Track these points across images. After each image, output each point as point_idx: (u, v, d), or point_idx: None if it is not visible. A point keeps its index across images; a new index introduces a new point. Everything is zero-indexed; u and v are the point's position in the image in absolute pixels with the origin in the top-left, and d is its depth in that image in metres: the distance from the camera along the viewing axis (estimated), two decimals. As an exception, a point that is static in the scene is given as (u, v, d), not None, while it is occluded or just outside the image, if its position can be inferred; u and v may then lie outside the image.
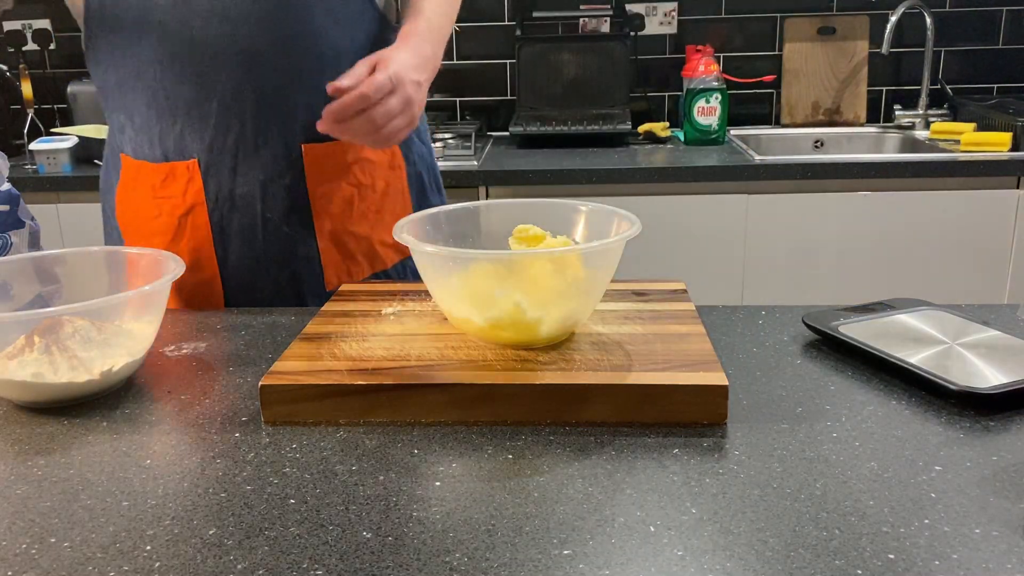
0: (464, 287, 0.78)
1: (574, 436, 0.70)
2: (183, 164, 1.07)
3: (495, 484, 0.63)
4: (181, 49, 1.03)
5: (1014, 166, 2.16)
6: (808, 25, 2.68)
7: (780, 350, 0.86)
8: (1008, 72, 2.71)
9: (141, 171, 1.10)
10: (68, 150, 2.35)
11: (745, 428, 0.70)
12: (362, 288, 0.98)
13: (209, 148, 1.06)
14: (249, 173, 1.07)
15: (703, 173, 2.18)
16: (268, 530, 0.58)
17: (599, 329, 0.83)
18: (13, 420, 0.76)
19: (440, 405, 0.72)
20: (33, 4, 2.83)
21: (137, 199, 1.11)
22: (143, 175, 1.10)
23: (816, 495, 0.61)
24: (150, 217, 1.10)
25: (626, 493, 0.61)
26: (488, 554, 0.55)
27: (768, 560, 0.54)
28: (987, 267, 2.22)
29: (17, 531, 0.59)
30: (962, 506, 0.59)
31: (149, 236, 1.11)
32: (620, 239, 0.78)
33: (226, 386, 0.81)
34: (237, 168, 1.07)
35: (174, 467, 0.67)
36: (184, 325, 0.97)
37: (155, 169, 1.09)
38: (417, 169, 1.20)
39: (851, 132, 2.67)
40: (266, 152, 1.07)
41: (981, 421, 0.71)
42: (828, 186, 2.18)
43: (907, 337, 0.84)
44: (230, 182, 1.08)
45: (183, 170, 1.07)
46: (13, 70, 2.68)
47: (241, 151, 1.07)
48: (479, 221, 0.92)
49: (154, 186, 1.09)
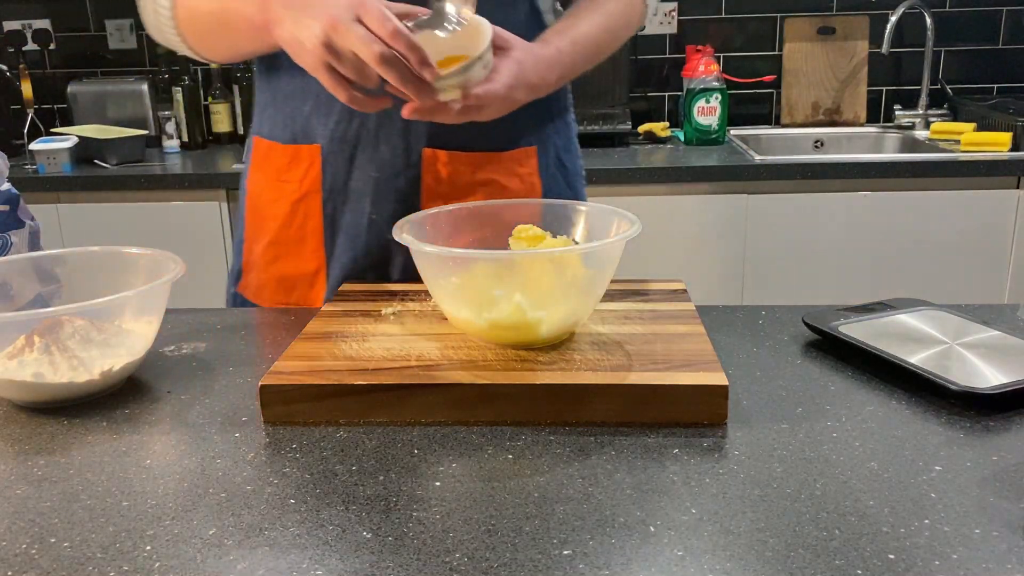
0: (464, 287, 0.78)
1: (574, 436, 0.70)
2: (307, 148, 1.04)
3: (495, 484, 0.63)
4: None
5: (1014, 166, 2.16)
6: (808, 25, 2.68)
7: (780, 350, 0.86)
8: (1008, 72, 2.71)
9: (271, 152, 1.08)
10: (68, 150, 2.35)
11: (745, 428, 0.70)
12: (362, 288, 0.98)
13: (331, 135, 1.02)
14: (365, 167, 1.03)
15: (703, 173, 2.18)
16: (268, 530, 0.58)
17: (599, 329, 0.83)
18: (13, 420, 0.76)
19: (440, 405, 0.72)
20: (33, 4, 2.83)
21: (262, 180, 1.09)
22: (272, 156, 1.08)
23: (816, 495, 0.61)
24: (270, 200, 1.08)
25: (626, 493, 0.61)
26: (488, 554, 0.55)
27: (768, 560, 0.54)
28: (987, 267, 2.22)
29: (17, 531, 0.59)
30: (962, 506, 0.59)
31: (266, 220, 1.08)
32: (620, 239, 0.78)
33: (226, 386, 0.81)
34: (355, 160, 1.03)
35: (174, 467, 0.67)
36: (184, 325, 0.97)
37: (283, 151, 1.06)
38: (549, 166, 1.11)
39: (851, 132, 2.67)
40: (385, 148, 1.02)
41: (981, 421, 0.71)
42: (828, 186, 2.18)
43: (907, 337, 0.84)
44: (345, 174, 1.03)
45: (306, 154, 1.04)
46: (13, 70, 2.69)
47: (361, 142, 1.02)
48: (479, 221, 0.92)
49: (279, 168, 1.07)
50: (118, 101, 2.68)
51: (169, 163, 2.45)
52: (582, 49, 0.99)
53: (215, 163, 2.43)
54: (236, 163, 2.36)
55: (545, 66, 0.94)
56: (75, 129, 2.51)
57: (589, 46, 1.01)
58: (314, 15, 0.78)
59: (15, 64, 2.68)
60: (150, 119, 2.67)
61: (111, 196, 2.31)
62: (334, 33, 0.77)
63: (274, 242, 1.09)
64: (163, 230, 2.31)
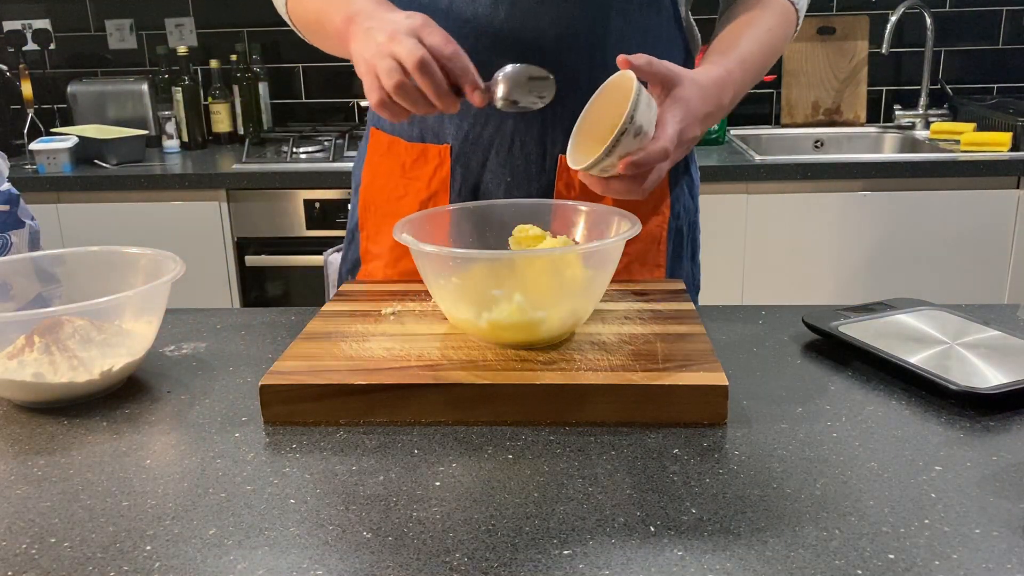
0: (464, 287, 0.78)
1: (574, 436, 0.70)
2: (436, 148, 1.03)
3: (495, 484, 0.63)
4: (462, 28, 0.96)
5: (1014, 166, 2.16)
6: (808, 25, 2.68)
7: (780, 350, 0.86)
8: (1008, 72, 2.71)
9: (393, 147, 1.07)
10: (68, 150, 2.35)
11: (745, 428, 0.70)
12: (362, 288, 0.98)
13: (464, 137, 1.01)
14: (498, 171, 1.02)
15: (703, 173, 2.17)
16: (268, 530, 0.58)
17: (599, 329, 0.83)
18: (13, 420, 0.76)
19: (440, 405, 0.72)
20: (33, 4, 2.83)
21: (384, 174, 1.09)
22: (394, 151, 1.07)
23: (816, 495, 0.61)
24: (395, 196, 1.08)
25: (626, 493, 0.61)
26: (488, 554, 0.55)
27: (768, 560, 0.54)
28: (987, 267, 2.22)
29: (17, 531, 0.59)
30: (962, 506, 0.59)
31: (389, 215, 1.08)
32: (620, 239, 0.78)
33: (226, 386, 0.81)
34: (487, 164, 1.02)
35: (174, 467, 0.67)
36: (184, 325, 0.97)
37: (408, 147, 1.06)
38: (679, 223, 1.10)
39: (851, 132, 2.67)
40: (519, 153, 1.01)
41: (981, 421, 0.71)
42: (828, 186, 2.18)
43: (907, 337, 0.84)
44: (476, 176, 1.03)
45: (435, 154, 1.03)
46: (13, 70, 2.69)
47: (496, 146, 1.01)
48: (479, 221, 0.92)
49: (404, 165, 1.06)
50: (118, 101, 2.68)
51: (169, 163, 2.45)
52: (751, 67, 0.97)
53: (215, 163, 2.43)
54: (236, 163, 2.36)
55: (717, 91, 0.90)
56: (75, 129, 2.51)
57: (756, 64, 0.98)
58: (383, 26, 0.83)
59: (15, 64, 2.68)
60: (150, 119, 2.67)
61: (111, 196, 2.31)
62: (390, 41, 0.81)
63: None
64: (163, 230, 2.31)
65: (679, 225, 1.09)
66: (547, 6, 0.95)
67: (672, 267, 1.09)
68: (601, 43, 0.97)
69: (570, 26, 0.96)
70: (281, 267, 2.38)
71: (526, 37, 0.96)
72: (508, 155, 1.01)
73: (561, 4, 0.95)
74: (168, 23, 2.82)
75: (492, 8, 0.96)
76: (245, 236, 2.34)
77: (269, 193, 2.30)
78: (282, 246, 2.34)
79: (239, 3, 2.80)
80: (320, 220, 2.30)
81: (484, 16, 0.96)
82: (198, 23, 2.82)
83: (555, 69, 0.87)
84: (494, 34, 0.96)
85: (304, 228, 2.32)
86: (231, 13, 2.80)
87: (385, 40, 0.82)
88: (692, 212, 1.13)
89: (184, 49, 2.69)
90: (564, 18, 0.95)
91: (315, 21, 0.99)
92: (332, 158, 2.36)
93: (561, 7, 0.95)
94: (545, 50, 0.96)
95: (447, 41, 0.81)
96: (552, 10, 0.95)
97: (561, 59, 0.96)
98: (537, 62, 0.86)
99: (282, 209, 2.31)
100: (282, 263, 2.36)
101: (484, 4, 0.96)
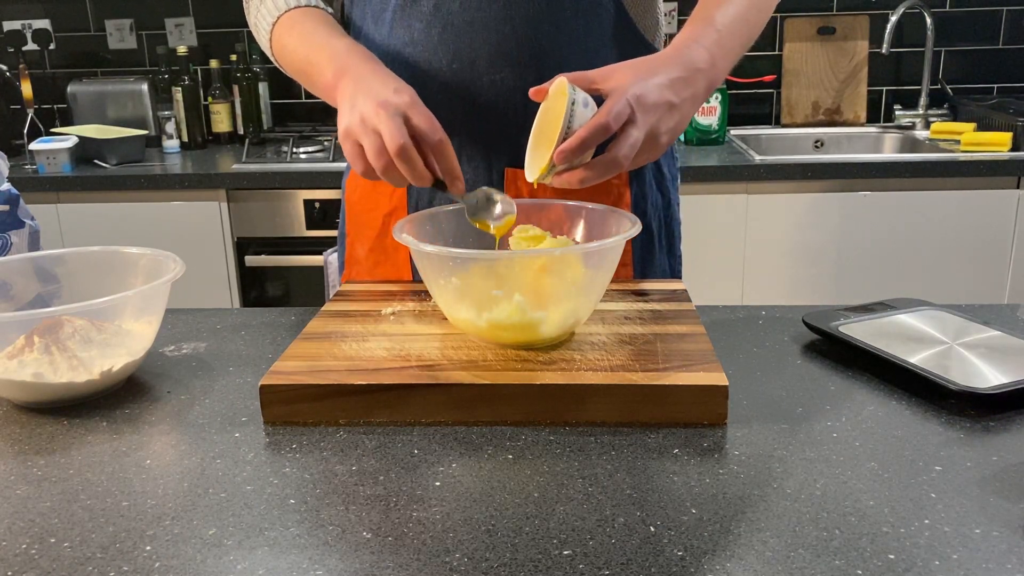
0: (464, 287, 0.78)
1: (574, 436, 0.70)
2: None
3: (495, 484, 0.63)
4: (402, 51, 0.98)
5: (1014, 166, 2.16)
6: (808, 25, 2.68)
7: (780, 350, 0.86)
8: (1008, 72, 2.71)
9: None
10: (68, 150, 2.35)
11: (745, 428, 0.70)
12: (362, 288, 0.98)
13: None
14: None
15: (703, 173, 2.18)
16: (268, 530, 0.58)
17: (599, 329, 0.83)
18: (13, 420, 0.76)
19: (440, 405, 0.72)
20: (33, 4, 2.83)
21: (362, 186, 1.10)
22: None
23: (816, 495, 0.61)
24: (367, 208, 1.09)
25: (626, 493, 0.61)
26: (488, 554, 0.55)
27: (768, 560, 0.54)
28: (987, 267, 2.22)
29: (17, 531, 0.59)
30: (962, 506, 0.59)
31: (364, 227, 1.10)
32: (620, 239, 0.78)
33: (226, 386, 0.81)
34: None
35: (174, 467, 0.67)
36: (184, 325, 0.97)
37: None
38: (647, 220, 1.07)
39: (851, 132, 2.67)
40: (467, 167, 1.00)
41: (981, 421, 0.71)
42: (828, 186, 2.18)
43: (907, 337, 0.84)
44: (429, 192, 1.03)
45: None
46: (13, 70, 2.68)
47: None
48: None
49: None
50: (118, 101, 2.68)
51: (169, 163, 2.45)
52: (726, 23, 0.91)
53: (215, 163, 2.43)
54: (236, 163, 2.36)
55: (676, 53, 0.87)
56: (75, 129, 2.51)
57: (733, 18, 0.92)
58: (370, 95, 0.83)
59: (15, 64, 2.68)
60: (150, 119, 2.67)
61: (111, 196, 2.31)
62: (375, 116, 0.81)
63: (373, 249, 1.10)
64: (163, 230, 2.31)
65: (647, 222, 1.08)
66: (477, 26, 0.96)
67: (643, 263, 1.08)
68: (536, 56, 0.97)
69: (501, 43, 0.96)
70: (281, 267, 2.38)
71: (462, 55, 0.97)
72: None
73: (491, 22, 0.96)
74: (168, 23, 2.82)
75: (426, 32, 0.97)
76: (245, 236, 2.34)
77: (269, 193, 2.30)
78: (282, 246, 2.34)
79: (239, 3, 2.77)
80: (320, 220, 2.30)
81: (421, 41, 0.98)
82: (198, 23, 2.82)
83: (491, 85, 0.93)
84: (429, 56, 0.98)
85: (304, 228, 2.32)
86: (231, 13, 2.80)
87: (371, 113, 0.81)
88: (663, 207, 1.11)
89: (184, 49, 2.69)
90: (495, 35, 0.96)
91: (302, 71, 0.99)
92: (332, 158, 2.36)
93: (490, 25, 0.96)
94: (479, 69, 0.97)
95: (434, 129, 0.81)
96: (482, 29, 0.96)
97: (496, 75, 0.97)
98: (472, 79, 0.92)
99: (282, 209, 2.31)
100: (282, 263, 2.36)
101: (419, 29, 0.98)
